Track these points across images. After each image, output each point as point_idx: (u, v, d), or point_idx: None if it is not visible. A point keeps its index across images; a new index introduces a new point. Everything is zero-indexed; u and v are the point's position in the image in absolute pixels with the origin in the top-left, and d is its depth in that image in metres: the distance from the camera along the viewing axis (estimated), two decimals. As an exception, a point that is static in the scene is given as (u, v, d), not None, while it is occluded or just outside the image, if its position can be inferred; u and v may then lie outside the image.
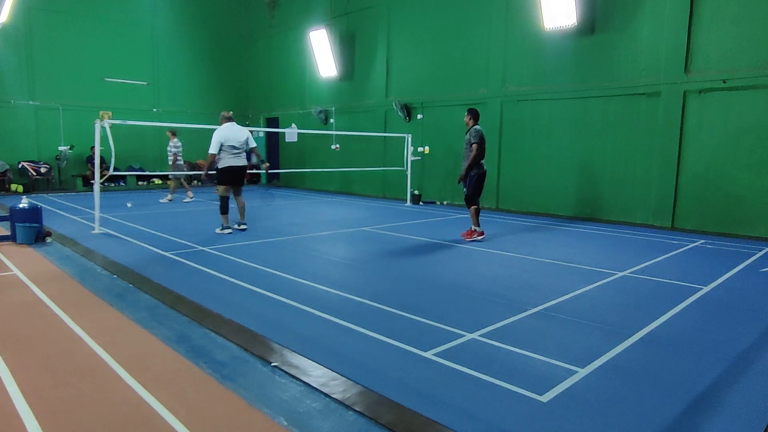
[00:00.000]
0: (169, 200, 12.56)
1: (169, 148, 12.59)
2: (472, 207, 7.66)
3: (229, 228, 7.98)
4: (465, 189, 7.71)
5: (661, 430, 2.55)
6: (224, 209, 7.98)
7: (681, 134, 9.15)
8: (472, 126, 7.60)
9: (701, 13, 8.85)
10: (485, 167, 7.69)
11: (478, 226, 7.69)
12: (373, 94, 14.82)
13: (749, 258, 6.75)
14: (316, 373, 3.13)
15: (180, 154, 12.62)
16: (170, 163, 12.63)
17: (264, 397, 2.84)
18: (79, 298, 4.68)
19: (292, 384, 3.02)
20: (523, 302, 4.61)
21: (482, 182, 7.71)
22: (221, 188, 7.98)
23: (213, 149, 7.72)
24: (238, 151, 7.83)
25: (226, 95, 19.06)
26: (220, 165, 7.81)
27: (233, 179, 7.95)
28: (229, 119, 7.96)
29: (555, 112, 10.86)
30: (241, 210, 8.30)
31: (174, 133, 12.62)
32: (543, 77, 10.99)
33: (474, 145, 7.43)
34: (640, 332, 3.90)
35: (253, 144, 8.08)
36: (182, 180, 13.30)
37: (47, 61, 15.11)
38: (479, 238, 7.67)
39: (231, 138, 7.72)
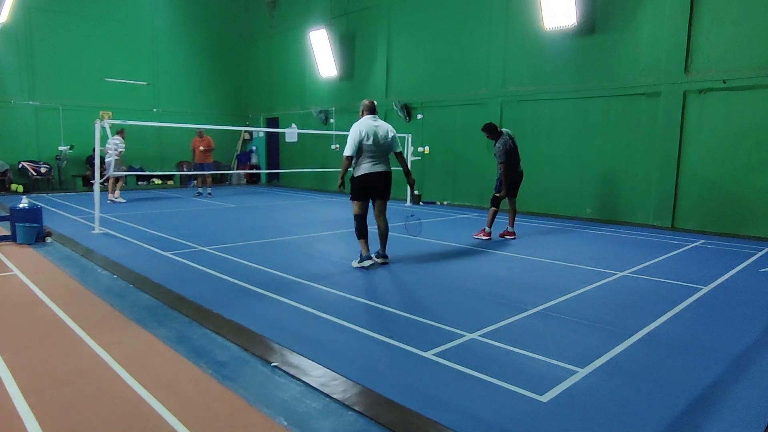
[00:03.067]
0: (117, 198, 12.25)
1: (117, 146, 11.93)
2: (492, 208, 7.75)
3: (370, 259, 5.86)
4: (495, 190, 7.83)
5: (661, 430, 2.55)
6: (362, 232, 5.87)
7: (681, 134, 9.14)
8: (496, 138, 7.60)
9: (701, 13, 8.85)
10: (519, 170, 7.76)
11: (490, 227, 7.75)
12: (373, 94, 14.80)
13: (749, 258, 6.75)
14: (316, 373, 3.13)
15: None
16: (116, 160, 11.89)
17: (264, 397, 2.84)
18: (79, 298, 4.68)
19: (292, 384, 3.02)
20: (523, 302, 4.61)
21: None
22: (356, 204, 5.88)
23: (349, 150, 5.72)
24: (380, 152, 5.82)
25: (226, 95, 19.06)
26: (357, 173, 5.82)
27: (374, 192, 5.90)
28: (371, 110, 5.90)
29: (555, 113, 10.86)
30: (383, 235, 6.05)
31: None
32: (543, 77, 10.99)
33: (501, 165, 7.48)
34: (640, 332, 3.90)
35: (398, 147, 5.99)
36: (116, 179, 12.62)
37: (47, 61, 15.10)
38: (485, 237, 7.72)
39: (372, 135, 5.72)
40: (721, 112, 8.75)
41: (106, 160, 11.65)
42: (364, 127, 5.76)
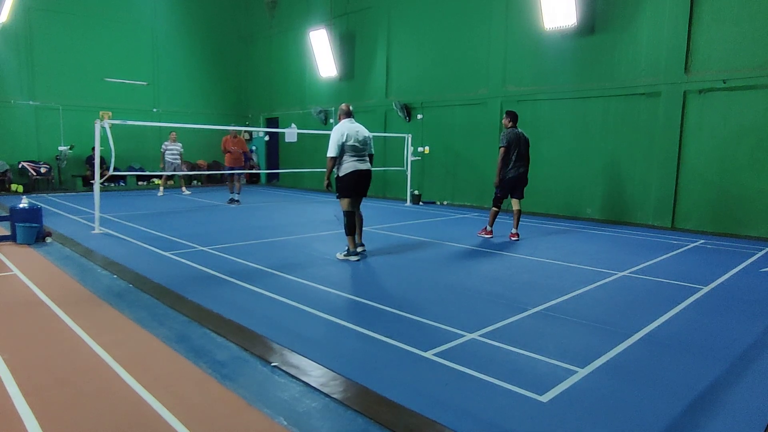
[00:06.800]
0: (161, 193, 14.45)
1: (179, 148, 14.08)
2: (493, 208, 7.93)
3: (356, 254, 6.36)
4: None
5: (661, 430, 2.55)
6: (351, 229, 6.31)
7: (681, 134, 9.15)
8: (507, 128, 7.68)
9: (701, 13, 8.85)
10: (513, 173, 7.59)
11: (491, 226, 7.97)
12: (373, 94, 14.82)
13: (749, 258, 6.75)
14: (316, 373, 3.13)
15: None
16: (180, 162, 14.11)
17: (264, 397, 2.84)
18: (79, 298, 4.67)
19: (292, 384, 3.02)
20: (523, 302, 4.61)
21: (508, 186, 7.70)
22: (345, 201, 6.29)
23: (332, 151, 6.15)
24: (361, 151, 6.27)
25: (226, 95, 19.06)
26: (342, 171, 6.22)
27: (360, 188, 6.35)
28: (348, 114, 6.39)
29: (555, 113, 10.86)
30: (359, 227, 6.63)
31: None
32: (543, 77, 10.99)
33: (499, 151, 7.54)
34: (640, 332, 3.90)
35: (372, 149, 6.51)
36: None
37: (47, 61, 15.09)
38: (487, 236, 7.91)
39: (352, 135, 6.19)
40: (721, 112, 8.75)
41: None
42: (345, 129, 6.23)
